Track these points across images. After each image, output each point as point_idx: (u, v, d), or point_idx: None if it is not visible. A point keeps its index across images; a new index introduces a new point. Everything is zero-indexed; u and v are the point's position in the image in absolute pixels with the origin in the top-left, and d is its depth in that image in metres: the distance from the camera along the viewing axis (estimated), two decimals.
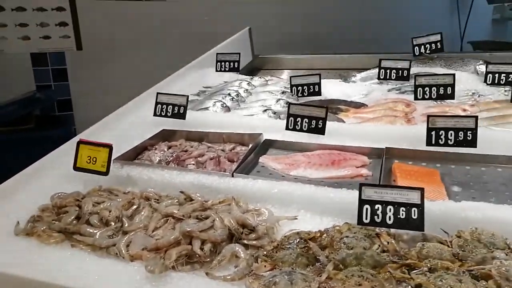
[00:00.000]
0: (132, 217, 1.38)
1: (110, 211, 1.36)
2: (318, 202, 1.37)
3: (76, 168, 1.61)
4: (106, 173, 1.57)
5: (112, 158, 1.59)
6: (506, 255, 1.05)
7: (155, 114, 2.14)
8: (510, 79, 2.39)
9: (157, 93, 2.17)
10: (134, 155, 1.84)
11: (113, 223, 1.33)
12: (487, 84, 2.44)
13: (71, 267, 1.13)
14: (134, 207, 1.42)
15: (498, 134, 1.80)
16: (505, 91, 2.32)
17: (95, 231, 1.29)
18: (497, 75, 2.43)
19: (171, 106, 2.12)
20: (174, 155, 1.80)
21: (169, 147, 1.90)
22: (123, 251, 1.19)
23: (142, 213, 1.38)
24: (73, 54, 4.39)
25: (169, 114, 2.12)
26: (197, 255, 1.15)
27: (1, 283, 1.11)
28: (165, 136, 2.01)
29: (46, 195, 1.50)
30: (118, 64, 4.43)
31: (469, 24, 5.23)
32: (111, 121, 2.17)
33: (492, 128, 1.86)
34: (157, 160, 1.78)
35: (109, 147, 1.58)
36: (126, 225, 1.32)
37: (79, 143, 1.62)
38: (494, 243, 1.11)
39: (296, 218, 1.33)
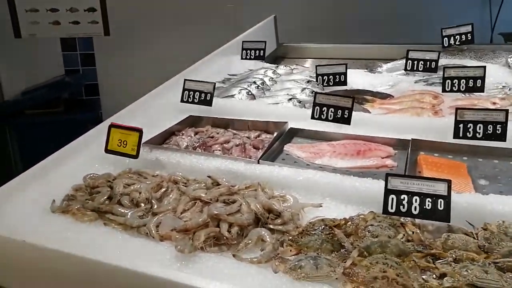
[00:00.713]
0: (161, 199, 1.43)
1: (140, 193, 1.41)
2: (343, 190, 1.39)
3: (107, 150, 1.66)
4: (136, 156, 1.62)
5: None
6: None
7: (182, 100, 2.18)
8: None
9: (185, 80, 2.20)
10: (162, 140, 1.88)
11: (143, 204, 1.37)
12: None
13: (105, 244, 1.18)
14: (163, 189, 1.46)
15: None
16: None
17: (126, 211, 1.34)
18: None
19: (198, 93, 2.15)
20: (200, 140, 1.84)
21: (196, 133, 1.94)
22: (153, 231, 1.23)
23: (171, 195, 1.43)
24: (100, 39, 4.48)
25: (196, 101, 2.15)
26: (224, 238, 1.18)
27: (40, 257, 1.18)
28: (192, 122, 2.05)
29: (79, 176, 1.56)
30: (144, 51, 4.49)
31: (500, 15, 5.06)
32: (139, 106, 2.22)
33: None
34: (184, 145, 1.82)
35: (140, 131, 1.63)
36: (156, 206, 1.37)
37: (111, 126, 1.67)
38: None
39: (321, 206, 1.35)
